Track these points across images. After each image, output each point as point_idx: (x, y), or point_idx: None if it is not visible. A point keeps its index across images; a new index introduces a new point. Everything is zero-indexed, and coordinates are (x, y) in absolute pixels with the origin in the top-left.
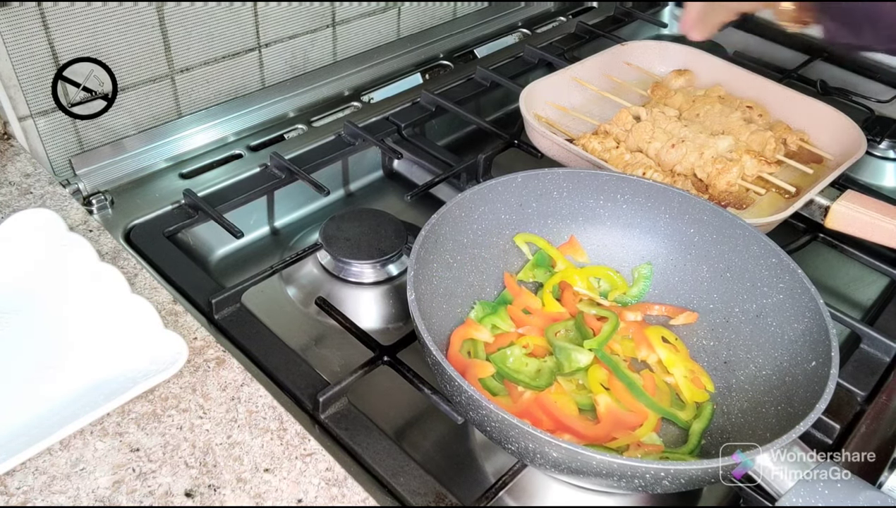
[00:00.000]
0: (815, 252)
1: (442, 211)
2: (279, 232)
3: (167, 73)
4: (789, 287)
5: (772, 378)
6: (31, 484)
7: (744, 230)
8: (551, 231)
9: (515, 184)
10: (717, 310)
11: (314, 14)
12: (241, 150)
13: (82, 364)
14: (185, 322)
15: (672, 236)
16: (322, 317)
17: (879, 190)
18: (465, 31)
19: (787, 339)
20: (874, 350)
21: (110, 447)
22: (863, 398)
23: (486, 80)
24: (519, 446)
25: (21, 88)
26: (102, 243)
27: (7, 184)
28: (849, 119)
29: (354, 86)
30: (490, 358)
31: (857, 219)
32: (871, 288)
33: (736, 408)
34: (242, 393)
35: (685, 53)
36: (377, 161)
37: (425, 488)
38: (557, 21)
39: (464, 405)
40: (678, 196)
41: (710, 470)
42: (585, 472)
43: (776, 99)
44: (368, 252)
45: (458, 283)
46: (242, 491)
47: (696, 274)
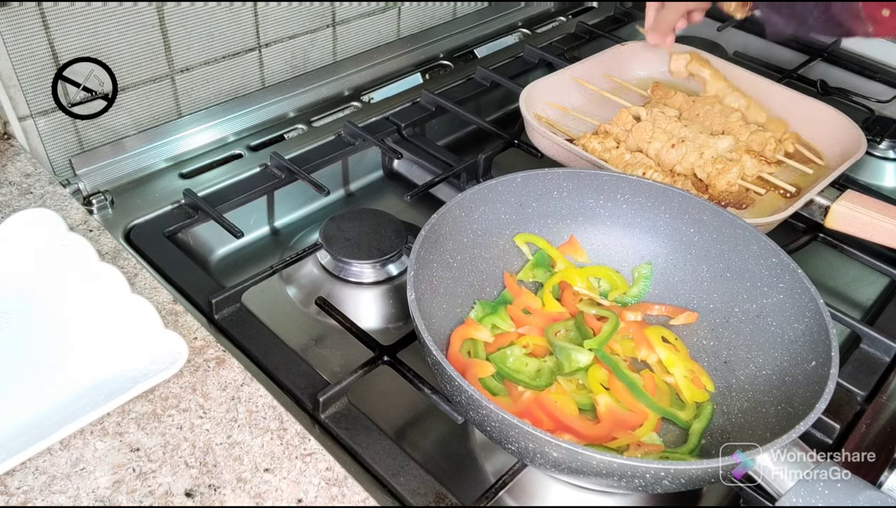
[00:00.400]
0: (815, 252)
1: (442, 211)
2: (279, 232)
3: (167, 73)
4: (789, 287)
5: (772, 378)
6: (31, 484)
7: (744, 230)
8: (551, 231)
9: (515, 184)
10: (717, 310)
11: (314, 14)
12: (241, 150)
13: (82, 363)
14: (185, 322)
15: (672, 236)
16: (322, 317)
17: (879, 190)
18: (465, 31)
19: (787, 339)
20: (874, 350)
21: (110, 447)
22: (863, 398)
23: (486, 80)
24: (519, 446)
25: (21, 88)
26: (102, 243)
27: (7, 183)
28: (849, 119)
29: (354, 86)
30: (490, 358)
31: (857, 219)
32: (871, 288)
33: (736, 408)
34: (242, 392)
35: (686, 53)
36: (377, 161)
37: (425, 488)
38: (557, 21)
39: (464, 405)
40: (678, 196)
41: (710, 470)
42: (585, 472)
43: (776, 99)
44: (368, 252)
45: (458, 283)
46: (242, 491)
47: (696, 274)
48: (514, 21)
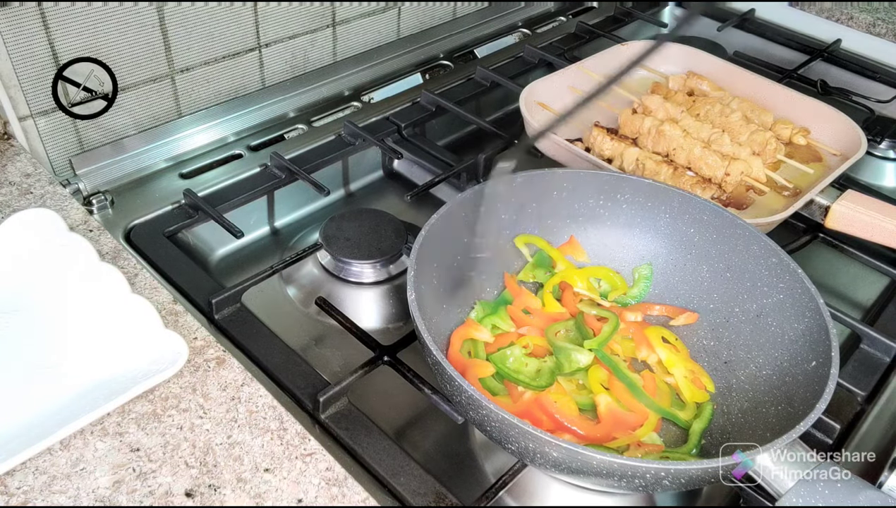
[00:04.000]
0: (815, 252)
1: (442, 211)
2: (279, 232)
3: (167, 73)
4: (789, 287)
5: (772, 378)
6: (31, 484)
7: (744, 230)
8: (551, 231)
9: (515, 184)
10: (717, 310)
11: (314, 14)
12: (241, 150)
13: (82, 364)
14: (185, 322)
15: (672, 236)
16: (322, 317)
17: (879, 190)
18: (466, 31)
19: (788, 339)
20: (874, 350)
21: (110, 447)
22: (863, 398)
23: (486, 80)
24: (519, 446)
25: (21, 88)
26: (103, 243)
27: (7, 184)
28: (849, 119)
29: (354, 86)
30: (490, 358)
31: (858, 219)
32: (871, 288)
33: (736, 408)
34: (242, 392)
35: (685, 53)
36: (377, 161)
37: (425, 488)
38: (557, 21)
39: (464, 405)
40: (678, 196)
41: (710, 470)
42: (585, 472)
43: (776, 99)
44: (368, 252)
45: (459, 284)
46: (243, 491)
47: (696, 274)
48: (514, 21)
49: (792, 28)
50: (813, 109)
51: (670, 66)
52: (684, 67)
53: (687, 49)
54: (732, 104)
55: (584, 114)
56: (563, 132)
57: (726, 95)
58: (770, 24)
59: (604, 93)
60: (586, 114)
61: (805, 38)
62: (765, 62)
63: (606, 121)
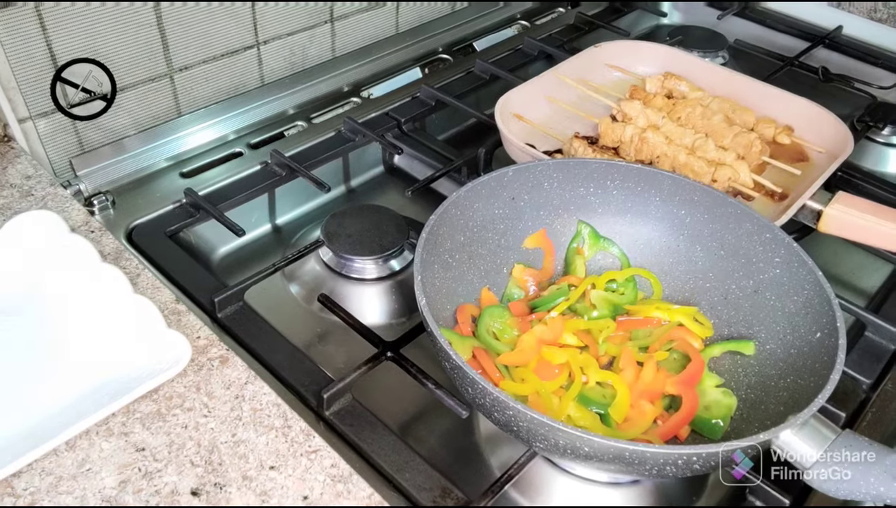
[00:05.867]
0: (818, 240)
1: (440, 211)
2: (281, 229)
3: (166, 73)
4: (785, 261)
5: (776, 351)
6: (37, 485)
7: (735, 208)
8: (544, 222)
9: (507, 177)
10: (713, 289)
11: (312, 10)
12: (241, 148)
13: (86, 364)
14: (188, 321)
15: (664, 218)
16: (325, 314)
17: (882, 176)
18: (464, 24)
19: (788, 312)
20: (879, 337)
21: (116, 447)
22: (868, 385)
23: (485, 73)
24: (525, 430)
25: (20, 90)
26: (104, 244)
27: (8, 186)
28: (835, 116)
29: (354, 81)
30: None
31: (851, 222)
32: (875, 275)
33: (745, 384)
34: (246, 391)
35: (662, 53)
36: (378, 156)
37: (431, 483)
38: (556, 12)
39: (470, 393)
40: (668, 178)
41: (712, 455)
42: (594, 458)
43: (758, 97)
44: (370, 248)
45: (459, 283)
46: (248, 489)
47: (689, 255)
48: (512, 13)
49: (792, 15)
50: (797, 107)
51: (646, 67)
52: (660, 67)
53: (664, 48)
54: (713, 105)
55: (563, 124)
56: (542, 144)
57: (706, 96)
58: (770, 12)
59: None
60: (565, 124)
61: (806, 25)
62: (766, 50)
63: (585, 130)
